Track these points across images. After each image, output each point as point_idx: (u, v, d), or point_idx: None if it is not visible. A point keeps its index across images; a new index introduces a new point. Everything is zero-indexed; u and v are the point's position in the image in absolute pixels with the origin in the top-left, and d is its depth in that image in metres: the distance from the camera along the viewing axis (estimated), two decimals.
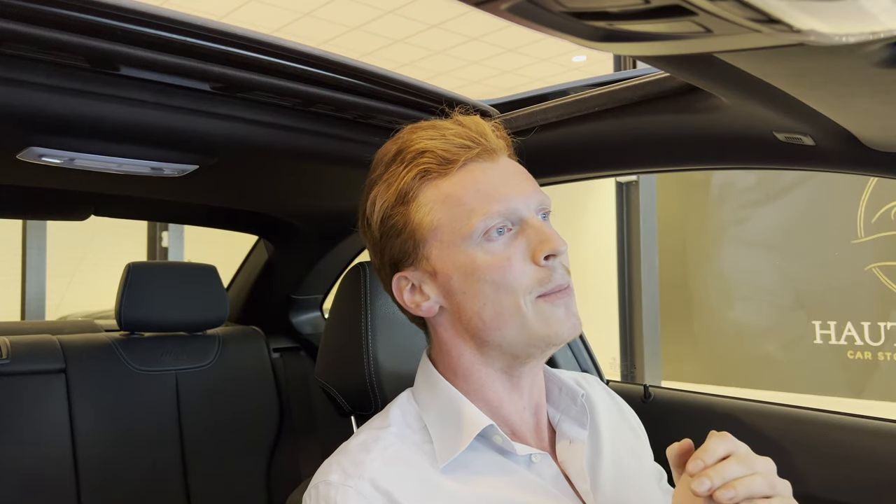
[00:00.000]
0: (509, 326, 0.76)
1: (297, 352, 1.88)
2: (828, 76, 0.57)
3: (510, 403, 0.81)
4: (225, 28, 0.83)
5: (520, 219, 0.77)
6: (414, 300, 0.81)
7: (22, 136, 0.98)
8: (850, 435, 1.14)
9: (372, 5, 5.41)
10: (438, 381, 0.82)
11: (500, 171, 0.79)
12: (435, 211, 0.77)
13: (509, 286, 0.75)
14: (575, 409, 0.85)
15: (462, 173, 0.77)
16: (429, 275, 0.79)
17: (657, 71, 0.90)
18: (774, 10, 0.36)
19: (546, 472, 0.78)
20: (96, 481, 1.44)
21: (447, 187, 0.77)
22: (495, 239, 0.76)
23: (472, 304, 0.77)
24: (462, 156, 0.77)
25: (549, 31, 0.44)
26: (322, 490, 0.74)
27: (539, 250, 0.75)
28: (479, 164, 0.78)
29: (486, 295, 0.76)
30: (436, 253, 0.78)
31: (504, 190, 0.77)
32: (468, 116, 0.82)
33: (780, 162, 0.98)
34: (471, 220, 0.75)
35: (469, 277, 0.76)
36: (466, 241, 0.76)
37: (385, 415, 0.82)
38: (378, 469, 0.74)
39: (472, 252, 0.76)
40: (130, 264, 1.57)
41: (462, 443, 0.76)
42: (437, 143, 0.78)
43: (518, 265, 0.75)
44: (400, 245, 0.80)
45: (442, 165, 0.77)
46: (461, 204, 0.76)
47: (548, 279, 0.75)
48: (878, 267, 4.36)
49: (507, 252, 0.75)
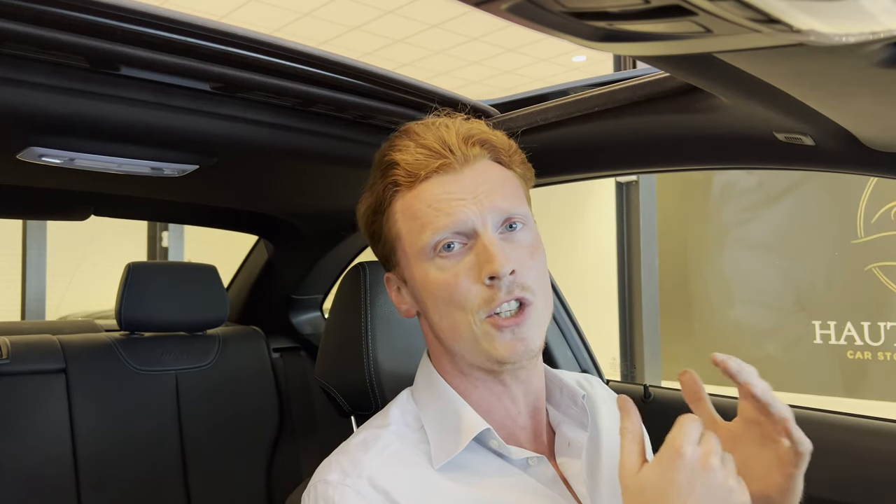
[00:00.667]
0: (464, 341, 0.77)
1: (297, 352, 1.88)
2: (828, 76, 0.57)
3: (501, 408, 0.81)
4: (225, 28, 0.83)
5: (473, 232, 0.76)
6: (398, 300, 0.85)
7: (22, 136, 0.98)
8: (850, 435, 1.14)
9: (372, 5, 5.41)
10: (437, 382, 0.82)
11: (459, 183, 0.78)
12: (398, 223, 0.80)
13: (458, 304, 0.75)
14: (575, 410, 0.85)
15: (423, 187, 0.78)
16: (403, 281, 0.83)
17: (657, 71, 0.90)
18: (774, 10, 0.36)
19: (543, 475, 0.78)
20: (96, 481, 1.44)
21: (409, 200, 0.79)
22: (446, 255, 0.76)
23: (431, 315, 0.79)
24: (422, 169, 0.78)
25: (549, 31, 0.44)
26: (321, 489, 0.74)
27: (482, 271, 0.74)
28: (440, 178, 0.78)
29: (441, 309, 0.77)
30: (402, 263, 0.82)
31: (456, 204, 0.76)
32: (447, 120, 0.82)
33: (780, 162, 0.98)
34: (422, 235, 0.77)
35: (425, 291, 0.78)
36: (420, 255, 0.77)
37: (385, 414, 0.83)
38: (376, 468, 0.74)
39: (425, 267, 0.77)
40: (130, 264, 1.57)
41: (458, 445, 0.76)
42: (404, 156, 0.79)
43: (464, 284, 0.75)
44: (381, 250, 0.85)
45: (407, 178, 0.79)
46: (416, 218, 0.78)
47: (493, 299, 0.74)
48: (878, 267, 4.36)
49: (455, 269, 0.76)
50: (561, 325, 1.57)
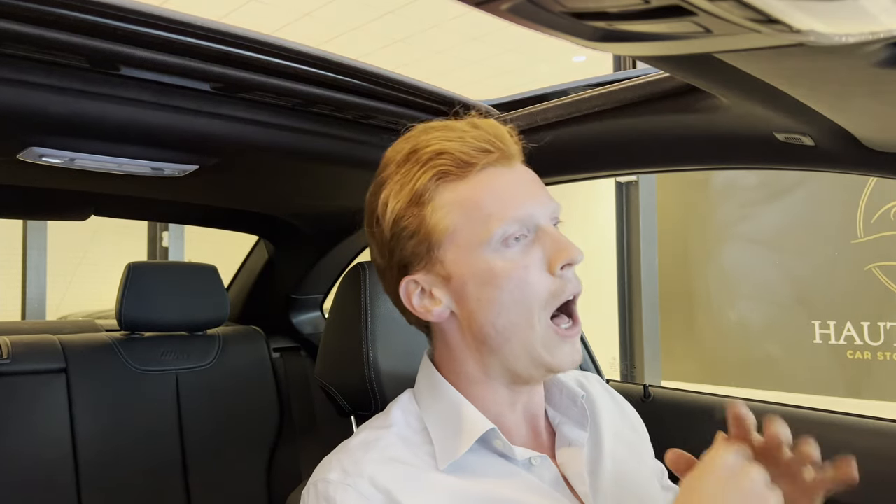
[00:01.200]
0: (518, 340, 0.75)
1: (297, 352, 1.88)
2: (828, 76, 0.57)
3: (505, 411, 0.81)
4: (225, 28, 0.83)
5: (536, 226, 0.76)
6: (423, 305, 0.79)
7: (22, 136, 0.98)
8: (850, 435, 1.14)
9: (372, 5, 5.41)
10: (440, 384, 0.81)
11: (517, 177, 0.78)
12: (452, 214, 0.75)
13: (525, 297, 0.74)
14: (575, 410, 0.85)
15: (480, 177, 0.76)
16: (442, 279, 0.77)
17: (657, 71, 0.90)
18: (774, 10, 0.36)
19: (545, 475, 0.77)
20: (96, 481, 1.44)
21: (465, 191, 0.75)
22: (512, 246, 0.74)
23: (485, 312, 0.75)
24: (481, 159, 0.75)
25: (549, 31, 0.44)
26: (321, 488, 0.73)
27: (556, 259, 0.74)
28: (497, 169, 0.77)
29: (502, 304, 0.74)
30: (451, 257, 0.76)
31: (522, 196, 0.76)
32: (484, 119, 0.80)
33: (779, 162, 0.98)
34: (489, 226, 0.74)
35: (486, 284, 0.74)
36: (484, 246, 0.74)
37: (386, 415, 0.82)
38: (377, 468, 0.73)
39: (489, 258, 0.74)
40: (131, 264, 1.57)
41: (463, 446, 0.75)
42: (455, 145, 0.76)
43: (535, 274, 0.74)
44: (412, 247, 0.78)
45: (460, 168, 0.75)
46: (479, 208, 0.74)
47: (562, 290, 0.74)
48: (878, 267, 4.36)
49: (524, 260, 0.74)
50: None
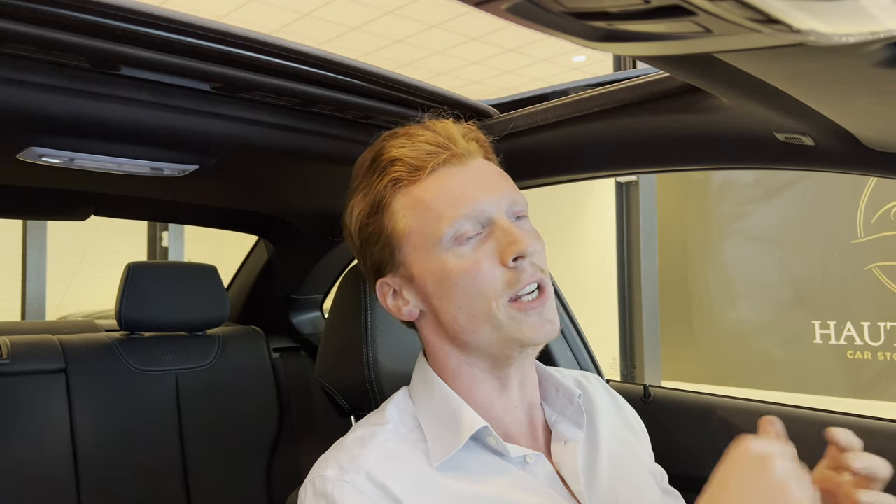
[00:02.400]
0: (484, 329, 0.77)
1: (297, 352, 1.88)
2: (828, 76, 0.57)
3: (500, 403, 0.81)
4: (225, 28, 0.83)
5: (489, 220, 0.77)
6: (396, 305, 0.84)
7: (22, 136, 0.98)
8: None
9: (372, 5, 5.41)
10: (434, 381, 0.82)
11: (470, 174, 0.80)
12: (407, 217, 0.79)
13: (480, 290, 0.76)
14: (571, 409, 0.85)
15: (431, 179, 0.79)
16: (406, 280, 0.82)
17: (657, 71, 0.90)
18: (774, 10, 0.36)
19: (540, 473, 0.78)
20: (96, 481, 1.44)
21: (417, 193, 0.79)
22: (465, 243, 0.77)
23: (447, 308, 0.78)
24: (430, 162, 0.79)
25: (549, 31, 0.44)
26: (318, 485, 0.74)
27: (507, 252, 0.75)
28: (447, 169, 0.79)
29: (460, 299, 0.77)
30: (410, 259, 0.80)
31: (472, 192, 0.78)
32: (440, 121, 0.83)
33: (779, 162, 0.98)
34: (440, 225, 0.77)
35: (442, 282, 0.78)
36: (437, 246, 0.77)
37: (381, 412, 0.83)
38: (373, 463, 0.74)
39: (443, 257, 0.77)
40: (130, 264, 1.57)
41: (456, 443, 0.76)
42: (406, 151, 0.80)
43: (487, 268, 0.76)
44: (378, 252, 0.83)
45: (412, 173, 0.79)
46: (430, 209, 0.78)
47: (517, 281, 0.76)
48: (878, 267, 4.36)
49: (476, 255, 0.76)
50: (561, 324, 1.57)
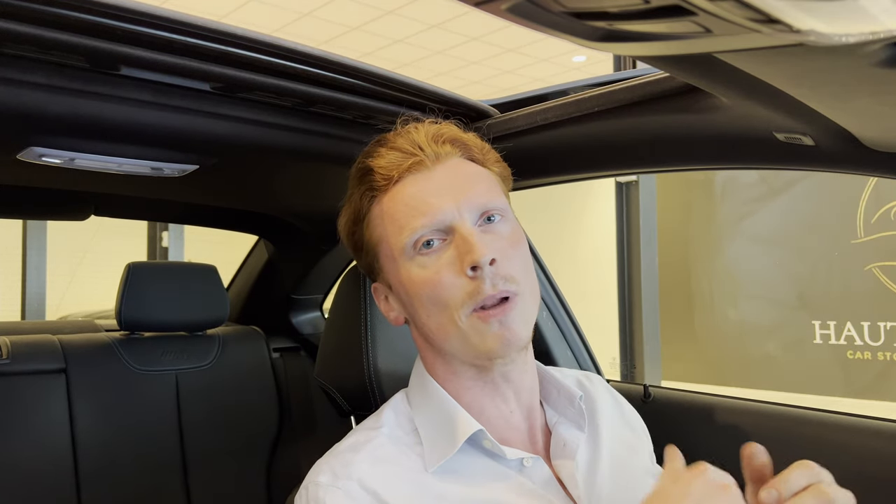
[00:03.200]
0: (452, 338, 0.76)
1: (297, 352, 1.88)
2: (828, 76, 0.57)
3: (493, 408, 0.80)
4: (225, 28, 0.83)
5: (449, 227, 0.76)
6: (387, 309, 0.85)
7: (22, 136, 0.98)
8: (851, 435, 1.14)
9: (372, 5, 5.41)
10: (429, 384, 0.82)
11: (433, 180, 0.78)
12: (377, 228, 0.80)
13: (442, 301, 0.75)
14: (572, 410, 0.84)
15: (396, 188, 0.79)
16: (388, 287, 0.83)
17: (657, 71, 0.90)
18: (774, 10, 0.36)
19: (537, 476, 0.77)
20: (96, 481, 1.44)
21: (386, 203, 0.80)
22: (426, 252, 0.76)
23: (419, 316, 0.79)
24: (395, 171, 0.79)
25: (549, 31, 0.44)
26: (311, 491, 0.74)
27: (464, 262, 0.74)
28: (412, 177, 0.79)
29: (426, 309, 0.77)
30: (385, 268, 0.81)
31: (432, 200, 0.76)
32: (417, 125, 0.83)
33: (779, 162, 0.98)
34: (401, 236, 0.77)
35: (409, 292, 0.78)
36: (402, 256, 0.77)
37: (378, 416, 0.83)
38: (366, 470, 0.74)
39: (407, 267, 0.77)
40: (130, 264, 1.57)
41: (452, 447, 0.75)
42: (378, 162, 0.80)
43: (448, 279, 0.74)
44: (364, 260, 0.85)
45: (383, 182, 0.79)
46: (394, 220, 0.78)
47: (477, 291, 0.73)
48: (878, 267, 4.36)
49: (437, 265, 0.75)
50: (561, 325, 1.57)
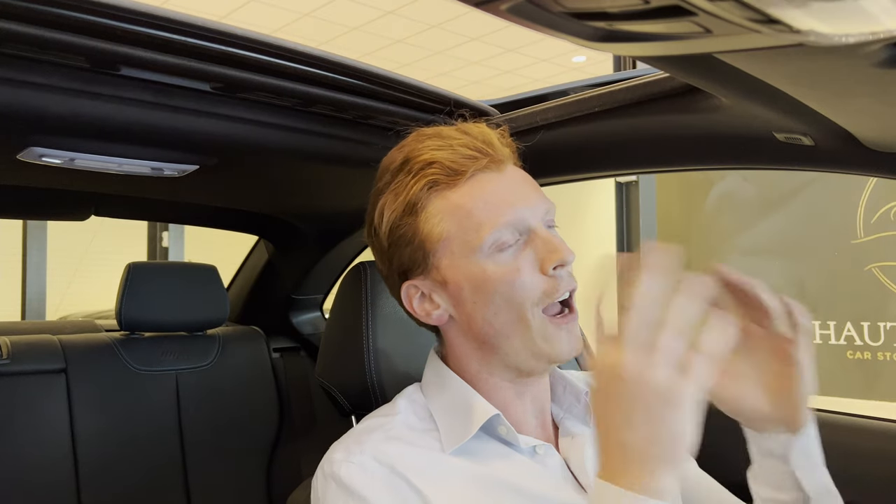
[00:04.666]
0: (516, 336, 0.77)
1: (297, 352, 1.88)
2: (828, 76, 0.57)
3: (514, 409, 0.82)
4: (225, 28, 0.83)
5: (528, 228, 0.77)
6: (424, 308, 0.82)
7: (22, 136, 0.98)
8: (851, 435, 1.14)
9: (372, 5, 5.41)
10: (448, 375, 0.83)
11: (508, 180, 0.79)
12: (444, 222, 0.78)
13: (518, 297, 0.75)
14: (578, 407, 0.86)
15: (470, 184, 0.78)
16: (439, 284, 0.80)
17: (657, 71, 0.90)
18: (774, 10, 0.36)
19: (550, 463, 0.79)
20: (96, 481, 1.44)
21: (456, 198, 0.77)
22: (505, 250, 0.76)
23: (482, 314, 0.77)
24: (470, 166, 0.77)
25: (549, 31, 0.44)
26: (327, 469, 0.76)
27: (547, 261, 0.75)
28: (486, 175, 0.78)
29: (497, 305, 0.76)
30: (446, 263, 0.78)
31: (512, 200, 0.77)
32: (474, 124, 0.82)
33: (779, 162, 0.98)
34: (480, 233, 0.76)
35: (480, 288, 0.77)
36: (477, 252, 0.76)
37: (392, 405, 0.83)
38: (379, 446, 0.75)
39: (482, 263, 0.76)
40: (130, 264, 1.57)
41: (469, 430, 0.76)
42: (444, 154, 0.78)
43: (527, 276, 0.76)
44: (409, 255, 0.80)
45: (450, 176, 0.78)
46: (470, 216, 0.77)
47: (554, 290, 0.76)
48: (878, 267, 4.36)
49: (516, 263, 0.76)
50: None
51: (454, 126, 0.82)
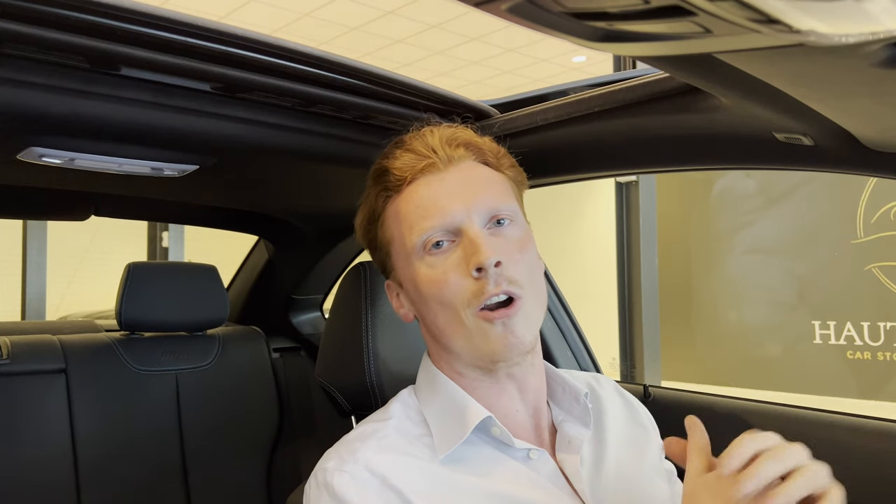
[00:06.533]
0: (457, 337, 0.78)
1: (297, 352, 1.88)
2: (828, 76, 0.57)
3: (501, 406, 0.81)
4: (225, 28, 0.83)
5: (458, 229, 0.78)
6: (397, 304, 0.87)
7: (22, 136, 0.98)
8: (851, 435, 1.14)
9: (372, 5, 5.41)
10: (439, 377, 0.83)
11: (445, 183, 0.80)
12: (390, 228, 0.83)
13: (448, 301, 0.76)
14: (578, 408, 0.85)
15: (409, 190, 0.81)
16: (399, 285, 0.85)
17: (657, 71, 0.90)
18: (774, 10, 0.36)
19: (543, 469, 0.78)
20: (96, 481, 1.44)
21: (398, 204, 0.82)
22: (435, 253, 0.78)
23: (427, 315, 0.80)
24: (408, 173, 0.81)
25: (549, 31, 0.44)
26: (320, 477, 0.76)
27: (470, 263, 0.75)
28: (423, 179, 0.81)
29: (433, 307, 0.78)
30: (396, 266, 0.84)
31: (442, 202, 0.78)
32: (433, 127, 0.85)
33: (779, 162, 0.98)
34: (411, 236, 0.79)
35: (417, 291, 0.80)
36: (411, 255, 0.79)
37: (385, 409, 0.84)
38: (372, 455, 0.75)
39: (416, 266, 0.79)
40: (130, 264, 1.57)
41: (462, 434, 0.76)
42: (393, 163, 0.82)
43: (454, 279, 0.76)
44: (379, 259, 0.88)
45: (396, 183, 0.81)
46: (404, 220, 0.80)
47: (482, 292, 0.75)
48: (878, 267, 4.36)
49: (444, 265, 0.77)
50: (561, 325, 1.57)
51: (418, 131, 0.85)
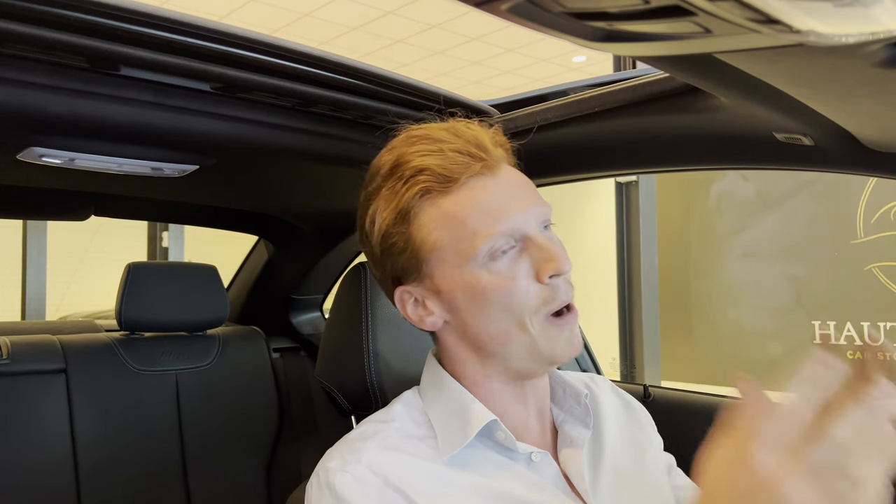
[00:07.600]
0: (515, 343, 0.76)
1: (297, 352, 1.88)
2: (828, 76, 0.57)
3: (514, 412, 0.81)
4: (225, 28, 0.83)
5: (523, 236, 0.75)
6: (418, 314, 0.80)
7: (22, 136, 0.98)
8: None
9: (372, 5, 5.41)
10: (445, 379, 0.82)
11: (501, 185, 0.77)
12: (437, 231, 0.75)
13: (515, 306, 0.74)
14: (578, 409, 0.85)
15: (463, 191, 0.75)
16: (432, 292, 0.78)
17: (657, 71, 0.90)
18: (774, 10, 0.36)
19: (545, 471, 0.78)
20: (96, 481, 1.44)
21: (449, 206, 0.75)
22: (499, 259, 0.74)
23: (477, 322, 0.76)
24: (462, 173, 0.75)
25: (549, 31, 0.44)
26: (321, 476, 0.75)
27: (543, 270, 0.74)
28: (479, 181, 0.76)
29: (492, 314, 0.75)
30: (439, 272, 0.77)
31: (506, 208, 0.75)
32: (465, 124, 0.79)
33: (779, 162, 0.98)
34: (474, 242, 0.74)
35: (474, 298, 0.75)
36: (471, 262, 0.74)
37: (388, 410, 0.83)
38: (375, 455, 0.74)
39: (476, 273, 0.75)
40: (130, 264, 1.57)
41: (466, 436, 0.76)
42: (434, 160, 0.75)
43: (523, 284, 0.74)
44: (402, 263, 0.79)
45: (442, 183, 0.75)
46: (464, 225, 0.74)
47: (552, 298, 0.75)
48: (878, 267, 4.36)
49: (511, 272, 0.74)
50: None
51: (445, 124, 0.79)
